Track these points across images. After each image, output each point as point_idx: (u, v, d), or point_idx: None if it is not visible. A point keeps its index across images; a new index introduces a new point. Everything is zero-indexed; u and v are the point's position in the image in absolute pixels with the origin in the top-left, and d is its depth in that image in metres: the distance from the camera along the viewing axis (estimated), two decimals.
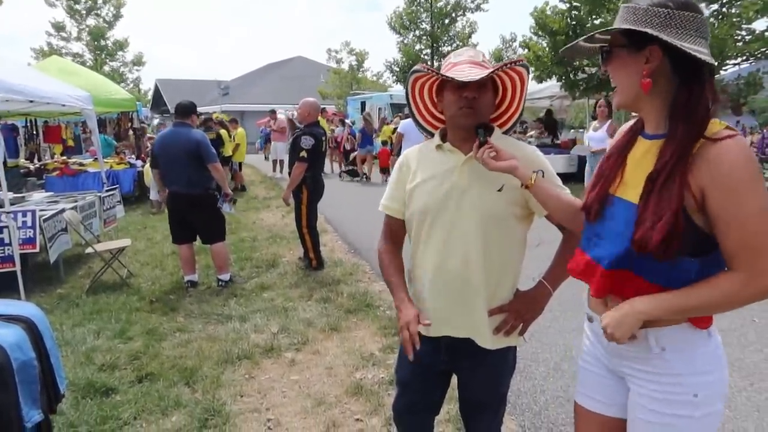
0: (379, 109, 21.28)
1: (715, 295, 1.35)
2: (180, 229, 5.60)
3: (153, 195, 10.74)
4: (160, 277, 6.10)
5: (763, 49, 11.17)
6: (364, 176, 15.33)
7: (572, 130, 15.09)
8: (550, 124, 15.06)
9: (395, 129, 17.49)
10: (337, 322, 4.59)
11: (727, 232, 1.32)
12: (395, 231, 2.06)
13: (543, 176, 1.78)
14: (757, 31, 11.49)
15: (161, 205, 10.72)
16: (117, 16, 34.43)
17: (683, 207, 1.32)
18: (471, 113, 1.81)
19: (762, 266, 1.30)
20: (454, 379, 2.12)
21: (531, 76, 13.32)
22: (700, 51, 1.35)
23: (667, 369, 1.46)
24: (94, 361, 3.93)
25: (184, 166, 5.36)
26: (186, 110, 5.61)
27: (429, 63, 24.29)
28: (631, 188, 1.45)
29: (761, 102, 14.42)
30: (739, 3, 11.26)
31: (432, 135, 2.05)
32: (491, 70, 1.79)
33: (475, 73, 1.77)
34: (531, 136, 17.70)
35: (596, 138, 8.72)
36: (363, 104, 23.30)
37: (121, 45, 35.76)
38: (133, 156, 12.77)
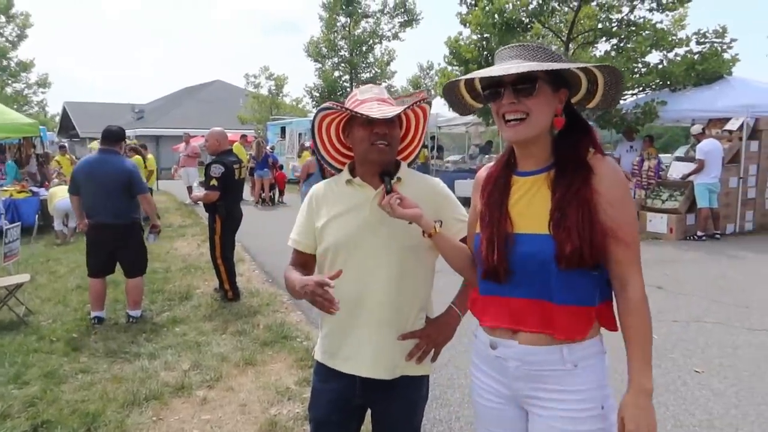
0: (300, 134, 21.20)
1: (646, 315, 1.52)
2: (100, 262, 5.32)
3: (57, 225, 10.13)
4: (62, 313, 5.72)
5: (658, 81, 12.12)
6: (269, 200, 15.90)
7: (487, 156, 15.63)
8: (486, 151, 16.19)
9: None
10: (253, 356, 4.47)
11: (619, 237, 1.50)
12: (303, 262, 2.05)
13: (441, 225, 1.78)
14: (651, 64, 12.47)
15: (66, 236, 10.15)
16: (21, 36, 32.62)
17: (589, 222, 1.49)
18: (386, 149, 1.86)
19: (641, 269, 1.54)
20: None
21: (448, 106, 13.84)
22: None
23: (577, 385, 1.54)
24: None
25: (111, 196, 5.12)
26: (115, 136, 5.37)
27: (349, 89, 24.52)
28: (532, 223, 1.55)
29: (657, 129, 15.61)
30: (635, 38, 12.20)
31: (337, 170, 2.07)
32: (405, 107, 1.86)
33: (389, 110, 1.83)
34: (448, 162, 18.23)
35: None
36: (283, 129, 23.17)
37: (26, 66, 33.87)
38: (36, 184, 12.03)
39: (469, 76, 1.63)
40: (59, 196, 9.89)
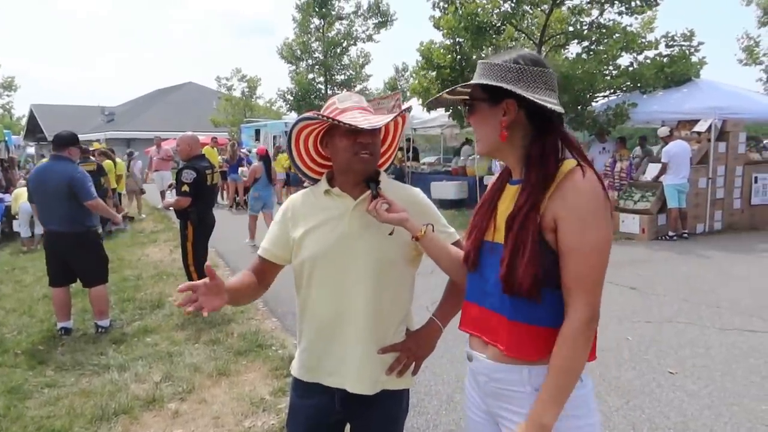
0: (274, 137, 21.03)
1: (575, 349, 1.41)
2: (57, 271, 5.16)
3: (24, 231, 9.86)
4: (28, 325, 5.55)
5: (628, 83, 12.31)
6: (244, 204, 15.35)
7: (462, 158, 15.69)
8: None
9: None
10: (226, 366, 4.38)
11: (568, 262, 1.42)
12: (264, 271, 1.98)
13: (433, 229, 1.80)
14: (622, 67, 12.66)
15: (33, 242, 9.88)
16: None
17: (544, 240, 1.42)
18: (370, 159, 1.83)
19: (593, 299, 1.41)
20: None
21: (422, 108, 13.84)
22: (550, 101, 1.47)
23: None
24: None
25: (60, 203, 4.98)
26: (62, 141, 5.20)
27: (323, 91, 24.41)
28: (500, 232, 1.53)
29: (627, 130, 15.87)
30: (606, 41, 12.36)
31: (313, 180, 2.02)
32: (392, 116, 1.85)
33: (375, 120, 1.80)
34: (424, 164, 18.27)
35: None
36: (257, 132, 22.94)
37: None
38: (0, 189, 11.70)
39: (429, 101, 1.75)
40: (24, 197, 9.64)
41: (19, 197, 9.84)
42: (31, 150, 28.99)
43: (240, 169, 14.30)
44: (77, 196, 5.01)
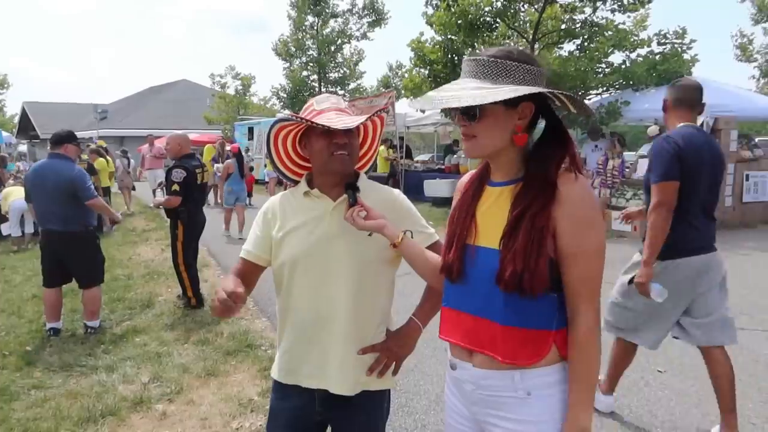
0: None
1: (592, 352, 1.45)
2: (53, 271, 5.14)
3: (14, 230, 9.79)
4: (16, 325, 5.51)
5: (621, 81, 12.34)
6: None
7: (455, 156, 15.68)
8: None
9: None
10: (215, 366, 4.37)
11: (573, 265, 1.42)
12: (248, 273, 1.97)
13: (412, 235, 1.82)
14: (614, 64, 12.68)
15: (23, 241, 9.82)
16: None
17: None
18: (346, 158, 1.82)
19: (598, 303, 1.44)
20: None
21: (415, 109, 13.84)
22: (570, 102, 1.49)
23: (530, 416, 1.48)
24: None
25: (59, 202, 4.96)
26: (59, 139, 5.19)
27: (317, 89, 24.34)
28: (489, 236, 1.50)
29: (621, 128, 15.92)
30: (597, 39, 12.39)
31: (293, 182, 2.02)
32: (365, 117, 1.83)
33: (349, 120, 1.79)
34: (417, 162, 18.25)
35: None
36: (251, 130, 22.87)
37: None
38: None
39: (418, 102, 1.64)
40: (15, 195, 9.58)
41: (9, 196, 9.78)
42: (23, 148, 28.82)
43: (215, 165, 14.33)
44: (77, 195, 5.00)
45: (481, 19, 12.50)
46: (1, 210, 10.02)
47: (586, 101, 12.25)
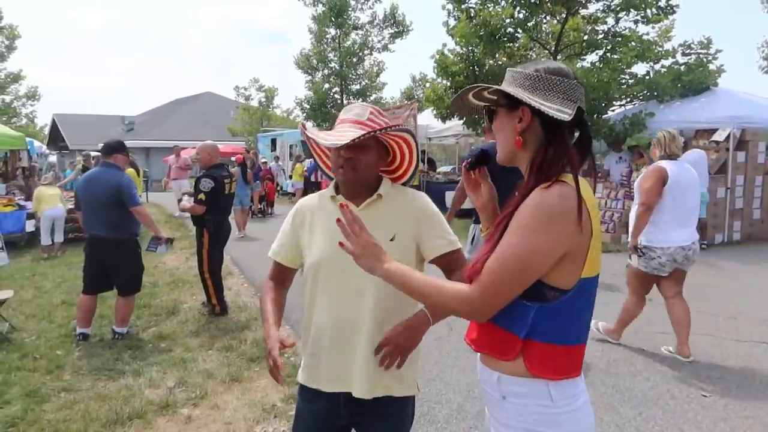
0: (291, 146, 21.20)
1: (442, 299, 1.45)
2: (96, 277, 5.26)
3: (45, 240, 10.02)
4: (47, 330, 5.64)
5: (645, 92, 12.22)
6: (260, 212, 16.18)
7: None
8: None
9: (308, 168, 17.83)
10: (239, 372, 4.42)
11: (493, 253, 1.42)
12: (282, 276, 2.08)
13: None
14: (638, 75, 12.57)
15: (53, 249, 10.04)
16: (11, 48, 32.47)
17: None
18: (351, 173, 1.86)
19: (488, 296, 1.39)
20: None
21: (436, 117, 13.86)
22: (554, 108, 1.41)
23: (504, 418, 1.51)
24: None
25: (106, 209, 5.11)
26: (109, 149, 5.37)
27: (339, 101, 24.51)
28: None
29: (644, 140, 15.72)
30: (620, 49, 12.30)
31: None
32: (355, 136, 1.78)
33: (348, 136, 1.79)
34: (439, 173, 18.27)
35: None
36: (274, 141, 23.14)
37: (16, 77, 33.74)
38: (22, 197, 11.90)
39: (454, 100, 1.65)
40: (46, 203, 9.82)
41: (41, 201, 10.01)
42: (53, 158, 29.48)
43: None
44: (123, 202, 5.14)
45: (503, 30, 12.51)
46: (35, 210, 10.23)
47: (610, 112, 12.20)
